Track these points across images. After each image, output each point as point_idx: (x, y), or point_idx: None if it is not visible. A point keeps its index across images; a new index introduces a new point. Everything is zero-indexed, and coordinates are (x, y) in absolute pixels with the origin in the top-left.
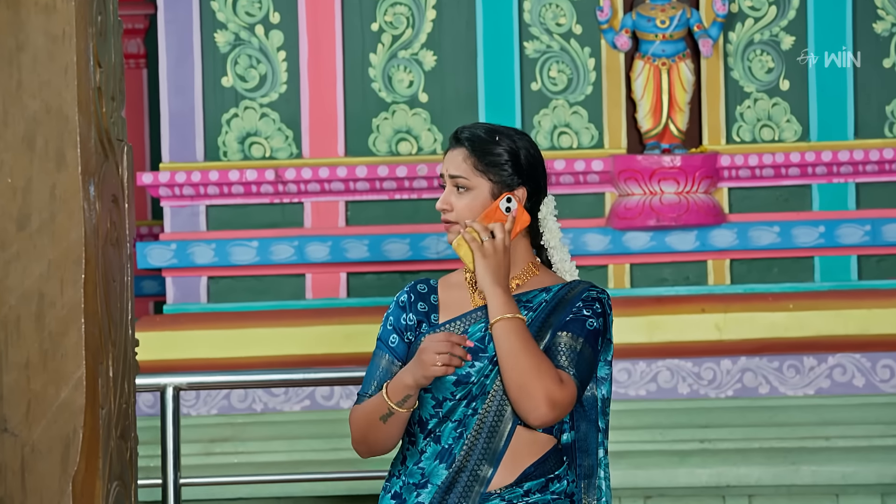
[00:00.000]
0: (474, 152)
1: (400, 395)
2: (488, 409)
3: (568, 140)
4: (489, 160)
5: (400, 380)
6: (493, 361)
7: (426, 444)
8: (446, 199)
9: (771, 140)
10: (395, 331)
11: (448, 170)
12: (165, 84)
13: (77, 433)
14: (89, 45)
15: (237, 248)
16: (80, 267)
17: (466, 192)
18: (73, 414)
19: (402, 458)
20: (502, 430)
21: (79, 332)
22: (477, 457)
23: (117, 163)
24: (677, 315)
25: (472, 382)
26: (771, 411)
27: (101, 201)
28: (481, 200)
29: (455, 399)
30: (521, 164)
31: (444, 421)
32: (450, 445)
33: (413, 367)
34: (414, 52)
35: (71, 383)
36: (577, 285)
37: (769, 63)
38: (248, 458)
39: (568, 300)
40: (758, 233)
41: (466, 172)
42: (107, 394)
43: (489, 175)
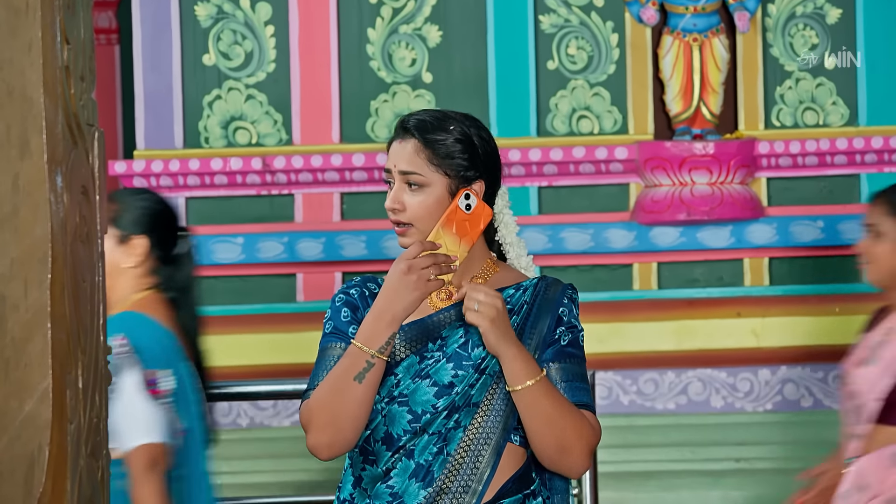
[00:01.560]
0: (427, 144)
1: (383, 337)
2: (482, 425)
3: (588, 125)
4: (444, 152)
5: (379, 319)
6: (478, 369)
7: (394, 460)
8: (397, 198)
9: (815, 125)
10: (354, 322)
11: (397, 165)
12: (140, 62)
13: (42, 451)
14: (56, 19)
15: (220, 245)
16: (47, 266)
17: (420, 189)
18: (39, 429)
19: (356, 480)
20: (496, 445)
21: (45, 339)
22: (465, 476)
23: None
24: (710, 320)
25: (455, 393)
26: (815, 427)
27: (70, 193)
28: (437, 197)
29: (436, 411)
30: (479, 155)
31: (420, 434)
32: (427, 462)
33: (399, 296)
34: (417, 27)
35: (36, 395)
36: (552, 284)
37: (813, 38)
38: (231, 478)
39: (549, 301)
40: (800, 228)
41: (420, 167)
42: (76, 407)
43: (445, 169)
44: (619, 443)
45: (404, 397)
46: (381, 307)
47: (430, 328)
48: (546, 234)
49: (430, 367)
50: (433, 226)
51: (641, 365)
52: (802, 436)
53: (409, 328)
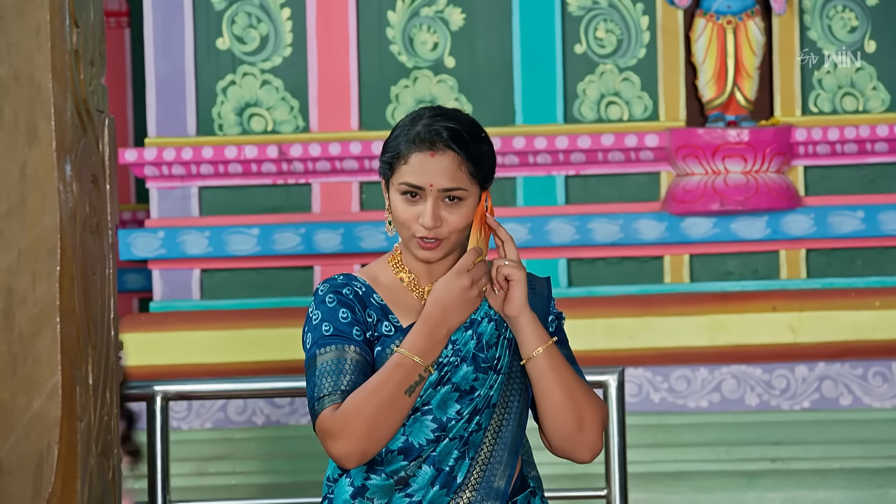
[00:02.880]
0: (470, 158)
1: (438, 350)
2: (500, 422)
3: (617, 111)
4: (483, 163)
5: (437, 330)
6: (495, 369)
7: (412, 467)
8: (437, 215)
9: (854, 111)
10: (356, 323)
11: (436, 183)
12: (152, 46)
13: (51, 449)
14: (65, 1)
15: (235, 237)
16: (55, 258)
17: (460, 202)
18: (47, 427)
19: (358, 490)
20: (513, 444)
21: (53, 333)
22: (489, 477)
23: (97, 137)
24: (744, 314)
25: (478, 396)
26: (854, 426)
27: (79, 182)
28: (473, 207)
29: (460, 417)
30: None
31: (441, 441)
32: (450, 467)
33: (457, 311)
34: (439, 10)
35: (44, 392)
36: (537, 280)
37: (852, 21)
38: (247, 478)
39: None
40: (838, 218)
41: (462, 182)
42: (86, 404)
43: (480, 178)
44: (650, 442)
45: (428, 406)
46: (437, 320)
47: None
48: (573, 225)
49: (450, 371)
50: (463, 236)
51: (673, 361)
52: (841, 435)
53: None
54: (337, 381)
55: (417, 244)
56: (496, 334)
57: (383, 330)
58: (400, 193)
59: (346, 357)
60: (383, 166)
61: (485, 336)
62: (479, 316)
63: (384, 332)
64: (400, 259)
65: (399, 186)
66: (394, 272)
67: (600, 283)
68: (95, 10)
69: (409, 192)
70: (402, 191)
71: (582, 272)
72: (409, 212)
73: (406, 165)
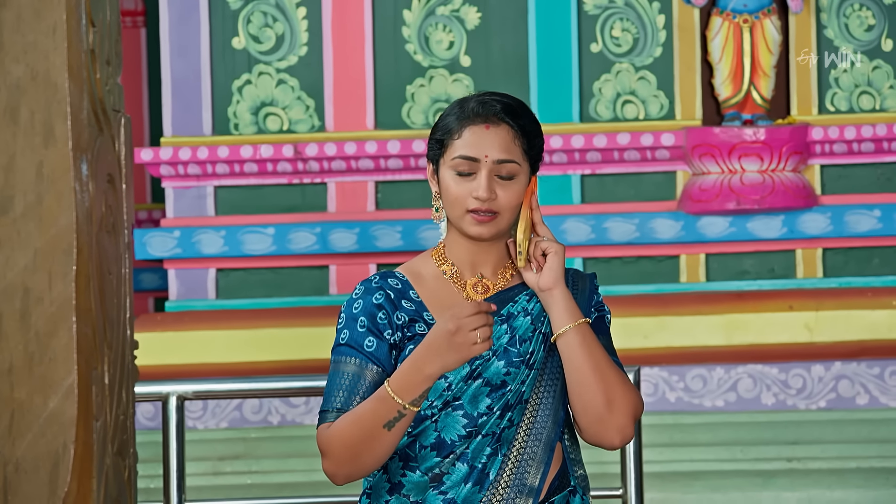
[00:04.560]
0: (524, 133)
1: (418, 392)
2: (533, 419)
3: (633, 110)
4: (535, 142)
5: (416, 372)
6: (527, 364)
7: (446, 464)
8: (492, 187)
9: (871, 109)
10: (370, 333)
11: (490, 154)
12: (167, 46)
13: (67, 449)
14: (81, 1)
15: (250, 236)
16: (72, 257)
17: (513, 179)
18: (63, 427)
19: (395, 486)
20: (547, 440)
21: (69, 333)
22: (522, 475)
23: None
24: (761, 313)
25: (509, 391)
26: (871, 425)
27: (95, 181)
28: (524, 186)
29: (491, 412)
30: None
31: (474, 437)
32: (483, 465)
33: (441, 352)
34: (455, 9)
35: (60, 391)
36: (579, 275)
37: (869, 19)
38: (262, 478)
39: (583, 292)
40: (855, 217)
41: (516, 156)
42: (102, 404)
43: (531, 157)
44: (666, 441)
45: (458, 401)
46: (420, 361)
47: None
48: (589, 224)
49: (481, 366)
50: (513, 217)
51: (689, 360)
52: (857, 435)
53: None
54: (347, 399)
55: (471, 220)
56: (531, 328)
57: (417, 329)
58: (452, 170)
59: (364, 377)
60: (433, 147)
61: (519, 330)
62: (515, 310)
63: (418, 331)
64: (443, 252)
65: (452, 162)
66: (436, 264)
67: (616, 283)
68: (112, 9)
69: (462, 165)
70: (455, 166)
71: (598, 271)
72: (461, 188)
73: (460, 140)
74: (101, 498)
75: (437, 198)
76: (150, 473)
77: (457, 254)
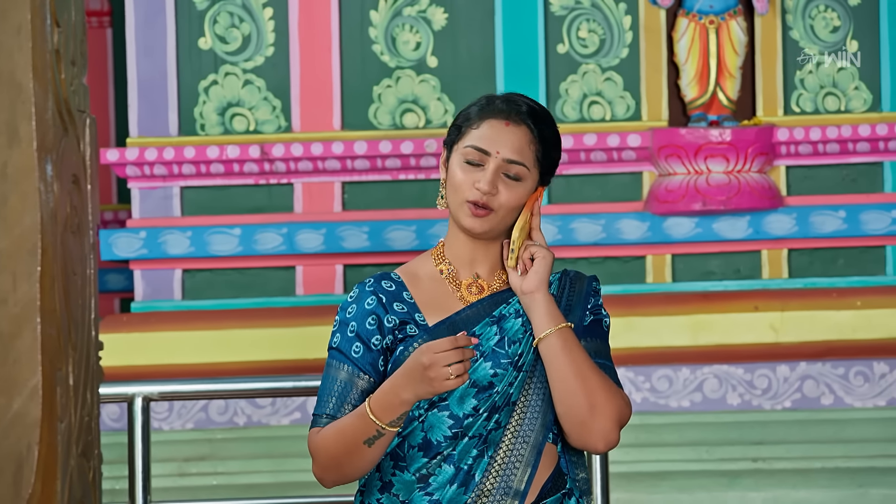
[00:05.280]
0: (542, 140)
1: (394, 414)
2: (521, 421)
3: (600, 111)
4: (550, 152)
5: (394, 396)
6: (515, 366)
7: (433, 465)
8: (494, 183)
9: (836, 111)
10: (358, 339)
11: (502, 152)
12: (133, 46)
13: (31, 450)
14: (46, 1)
15: (217, 237)
16: (36, 258)
17: (518, 181)
18: (27, 428)
19: (385, 486)
20: (535, 443)
21: (34, 334)
22: (507, 478)
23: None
24: (726, 314)
25: (496, 392)
26: (835, 425)
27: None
28: (528, 192)
29: (477, 413)
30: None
31: (461, 438)
32: (469, 466)
33: (415, 382)
34: (421, 10)
35: (25, 393)
36: (578, 277)
37: (834, 21)
38: (228, 479)
39: (579, 295)
40: (820, 218)
41: (527, 159)
42: (66, 405)
43: (542, 166)
44: (632, 442)
45: (444, 401)
46: (397, 387)
47: (459, 326)
48: (556, 225)
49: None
50: (512, 218)
51: (655, 361)
52: (822, 435)
53: (438, 329)
54: (338, 406)
55: (467, 210)
56: (522, 330)
57: (408, 331)
58: (463, 158)
59: (355, 385)
60: (451, 132)
61: (509, 332)
62: (508, 311)
63: (409, 333)
64: (442, 250)
65: (464, 150)
66: (434, 264)
67: None
68: (77, 9)
69: (473, 156)
70: (465, 154)
71: None
72: (466, 176)
73: (476, 130)
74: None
75: (444, 185)
76: (116, 475)
77: (455, 251)
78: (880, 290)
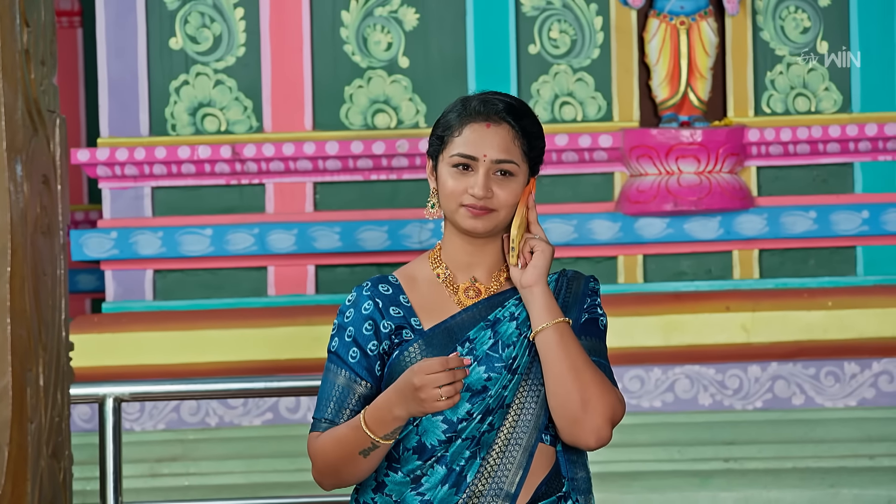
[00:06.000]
0: (525, 134)
1: (388, 429)
2: (515, 424)
3: (571, 111)
4: (536, 144)
5: (387, 411)
6: (510, 369)
7: (426, 467)
8: (488, 186)
9: (806, 111)
10: (354, 344)
11: (489, 154)
12: (104, 46)
13: (2, 451)
14: (15, 1)
15: (188, 237)
16: (6, 258)
17: (510, 178)
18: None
19: (379, 485)
20: (527, 445)
21: (4, 334)
22: (499, 480)
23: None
24: (698, 314)
25: (490, 396)
26: (806, 426)
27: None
28: (521, 186)
29: (471, 417)
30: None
31: (454, 441)
32: (461, 467)
33: (407, 401)
34: (393, 10)
35: None
36: (575, 276)
37: (805, 22)
38: (200, 479)
39: (575, 295)
40: (791, 219)
41: (515, 156)
42: (36, 406)
43: (530, 158)
44: None
45: None
46: (390, 402)
47: (454, 330)
48: None
49: None
50: (509, 216)
51: (627, 361)
52: (793, 435)
53: (433, 333)
54: (337, 412)
55: (465, 213)
56: (516, 333)
57: (404, 336)
58: (451, 166)
59: (353, 391)
60: (433, 143)
61: (503, 336)
62: (502, 315)
63: (405, 337)
64: (439, 254)
65: (451, 159)
66: (431, 267)
67: None
68: (46, 9)
69: (461, 163)
70: (453, 163)
71: None
72: (458, 183)
73: (459, 137)
74: (36, 500)
75: (434, 194)
76: (87, 476)
77: (452, 254)
78: (851, 291)
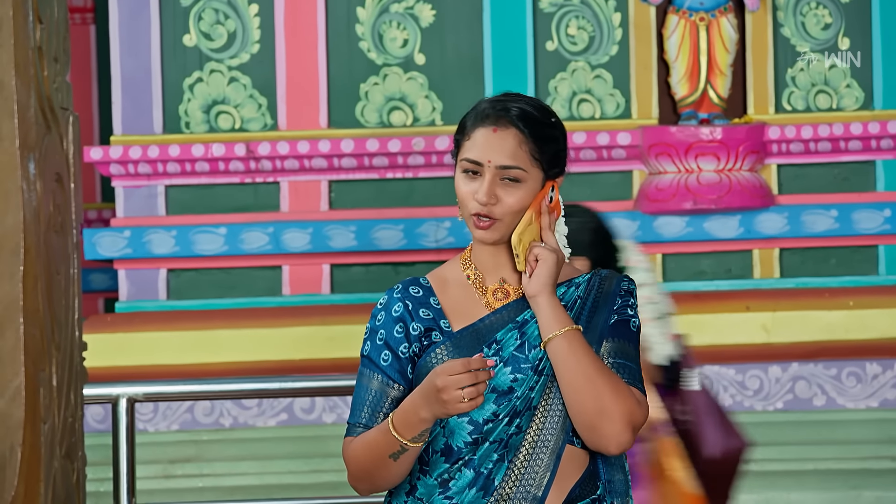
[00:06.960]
0: (533, 137)
1: (415, 431)
2: (541, 426)
3: (589, 109)
4: (549, 148)
5: (413, 414)
6: (536, 371)
7: (454, 470)
8: (492, 192)
9: (828, 108)
10: (386, 347)
11: (494, 160)
12: (117, 43)
13: (14, 451)
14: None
15: (202, 236)
16: (19, 257)
17: (518, 184)
18: (11, 429)
19: (411, 489)
20: (555, 448)
21: (17, 334)
22: (526, 482)
23: (61, 135)
24: (718, 314)
25: (516, 397)
26: (828, 427)
27: (43, 181)
28: (531, 192)
29: (497, 419)
30: (567, 147)
31: (481, 443)
32: (489, 470)
33: (431, 403)
34: (409, 6)
35: (7, 394)
36: (608, 276)
37: (826, 18)
38: (214, 481)
39: (605, 295)
40: (812, 217)
41: (522, 162)
42: (50, 406)
43: (544, 163)
44: None
45: None
46: (416, 405)
47: (482, 333)
48: None
49: None
50: (518, 220)
51: None
52: (814, 436)
53: (461, 335)
54: (372, 416)
55: (473, 222)
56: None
57: (433, 338)
58: (462, 171)
59: (387, 395)
60: (454, 143)
61: (530, 337)
62: (530, 316)
63: (434, 339)
64: (469, 256)
65: (461, 164)
66: (462, 269)
67: None
68: (59, 6)
69: (469, 169)
70: (463, 167)
71: None
72: (467, 188)
73: (469, 141)
74: (49, 501)
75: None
76: (100, 476)
77: (479, 257)
78: (873, 290)
